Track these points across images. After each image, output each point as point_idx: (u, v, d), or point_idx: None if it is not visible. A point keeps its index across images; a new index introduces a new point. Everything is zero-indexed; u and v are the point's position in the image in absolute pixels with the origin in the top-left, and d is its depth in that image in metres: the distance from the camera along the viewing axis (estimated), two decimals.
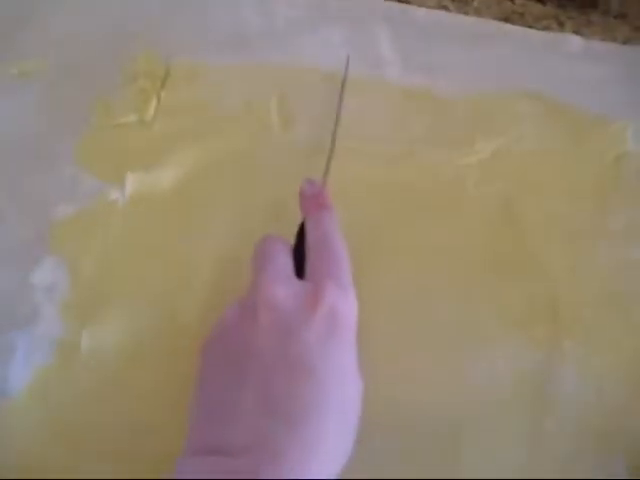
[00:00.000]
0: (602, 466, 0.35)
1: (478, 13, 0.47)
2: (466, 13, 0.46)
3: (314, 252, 0.33)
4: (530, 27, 0.46)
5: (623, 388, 0.36)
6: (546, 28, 0.46)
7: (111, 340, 0.37)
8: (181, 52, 0.44)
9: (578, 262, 0.39)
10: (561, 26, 0.47)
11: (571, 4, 0.47)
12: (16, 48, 0.45)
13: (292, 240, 0.35)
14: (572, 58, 0.45)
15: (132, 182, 0.40)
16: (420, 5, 0.46)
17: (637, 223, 0.40)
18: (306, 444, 0.27)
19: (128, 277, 0.38)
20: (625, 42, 0.46)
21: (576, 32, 0.46)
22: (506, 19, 0.47)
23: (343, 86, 0.42)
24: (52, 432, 0.35)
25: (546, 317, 0.38)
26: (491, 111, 0.43)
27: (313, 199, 0.35)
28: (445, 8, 0.47)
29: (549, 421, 0.35)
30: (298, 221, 0.36)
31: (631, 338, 0.37)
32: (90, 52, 0.44)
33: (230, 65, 0.44)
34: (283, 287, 0.30)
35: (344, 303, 0.31)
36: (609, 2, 0.47)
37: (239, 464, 0.26)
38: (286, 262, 0.32)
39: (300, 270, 0.33)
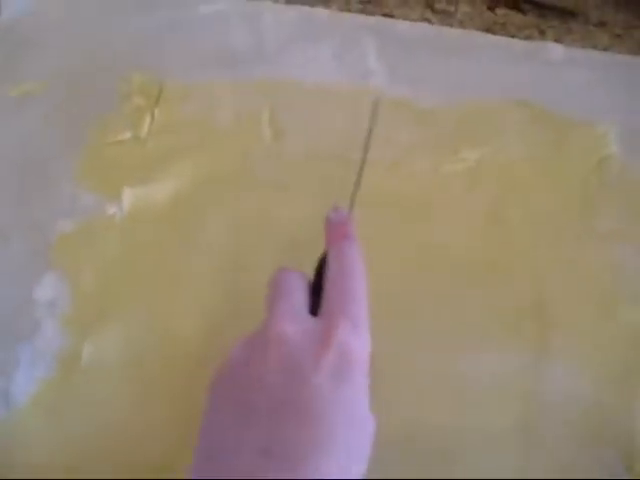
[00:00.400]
0: (596, 463, 0.35)
1: (461, 25, 0.48)
2: (449, 25, 0.48)
3: (331, 285, 0.31)
4: (512, 37, 0.48)
5: (613, 385, 0.37)
6: (528, 37, 0.48)
7: (111, 352, 0.38)
8: (174, 71, 0.46)
9: (565, 263, 0.40)
10: (542, 35, 0.48)
11: (551, 13, 0.49)
12: (15, 71, 0.46)
13: (310, 272, 0.34)
14: (554, 66, 0.46)
15: (129, 197, 0.41)
16: (404, 19, 0.48)
17: (622, 224, 0.41)
18: None
19: (127, 291, 0.40)
20: (605, 49, 0.47)
21: (557, 40, 0.47)
22: (488, 30, 0.48)
23: (371, 130, 0.40)
24: (55, 443, 0.36)
25: (534, 318, 0.38)
26: (475, 119, 0.44)
27: (338, 228, 0.34)
28: (428, 21, 0.48)
29: (540, 420, 0.36)
30: (292, 233, 0.37)
31: (619, 336, 0.38)
32: (86, 73, 0.46)
33: (221, 82, 0.45)
34: (294, 324, 0.29)
35: (356, 342, 0.29)
36: (588, 11, 0.49)
37: None
38: (300, 298, 0.31)
39: (319, 305, 0.32)
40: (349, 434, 0.28)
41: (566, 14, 0.49)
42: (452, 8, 0.49)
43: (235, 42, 0.47)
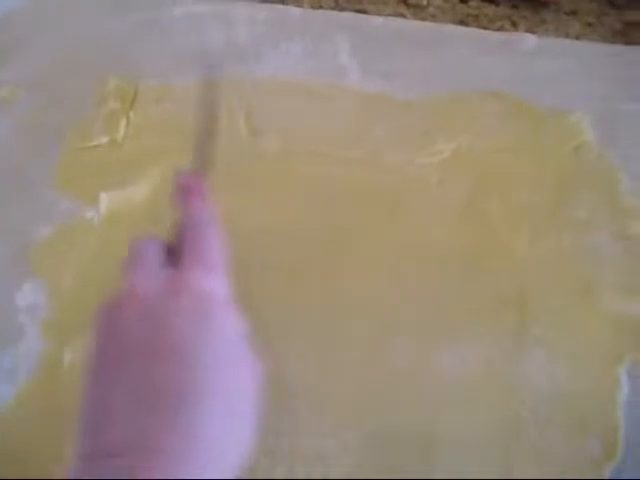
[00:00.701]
0: (577, 451, 0.35)
1: (434, 18, 0.48)
2: (422, 19, 0.48)
3: (183, 238, 0.31)
4: (485, 29, 0.48)
5: (592, 371, 0.37)
6: (501, 29, 0.48)
7: None
8: (149, 72, 0.46)
9: (544, 251, 0.40)
10: (515, 26, 0.48)
11: (524, 4, 0.49)
12: None
13: None
14: (527, 56, 0.47)
15: (106, 201, 0.42)
16: (378, 14, 0.48)
17: (599, 210, 0.41)
18: (183, 435, 0.25)
19: (106, 292, 0.39)
20: (577, 38, 0.48)
21: (530, 31, 0.48)
22: (461, 22, 0.48)
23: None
24: (40, 444, 0.36)
25: (514, 305, 0.39)
26: (450, 111, 0.44)
27: (183, 188, 0.34)
28: (402, 15, 0.48)
29: (521, 410, 0.36)
30: (269, 231, 0.37)
31: (598, 322, 0.38)
32: (61, 77, 0.46)
33: (195, 82, 0.45)
34: (147, 279, 0.29)
35: (210, 282, 0.29)
36: (560, 1, 0.49)
37: (118, 464, 0.25)
38: (155, 258, 0.31)
39: None
40: (227, 372, 0.27)
41: (538, 4, 0.49)
42: (425, 2, 0.49)
43: (209, 42, 0.47)
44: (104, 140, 0.44)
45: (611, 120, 0.44)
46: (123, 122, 0.44)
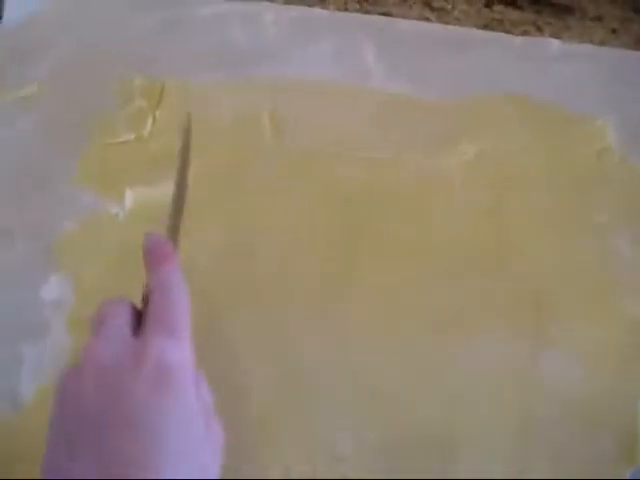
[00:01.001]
0: (592, 449, 0.36)
1: (458, 22, 0.48)
2: (447, 23, 0.48)
3: (152, 303, 0.31)
4: (509, 33, 0.48)
5: (609, 374, 0.37)
6: (525, 33, 0.48)
7: None
8: (175, 72, 0.46)
9: (563, 254, 0.41)
10: (539, 31, 0.48)
11: (548, 10, 0.49)
12: (16, 74, 0.46)
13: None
14: (551, 60, 0.47)
15: (131, 197, 0.42)
16: (402, 17, 0.48)
17: (619, 215, 0.42)
18: None
19: (130, 288, 0.40)
20: (601, 44, 0.48)
21: (554, 36, 0.48)
22: (486, 26, 0.48)
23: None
24: None
25: (532, 306, 0.39)
26: (474, 114, 0.44)
27: (152, 252, 0.33)
28: (427, 19, 0.49)
29: (537, 408, 0.37)
30: (292, 232, 0.38)
31: (615, 325, 0.39)
32: (86, 75, 0.46)
33: (221, 82, 0.46)
34: (109, 346, 0.29)
35: (174, 351, 0.29)
36: (584, 6, 0.49)
37: None
38: (119, 322, 0.30)
39: None
40: (186, 444, 0.27)
41: (562, 10, 0.49)
42: (449, 6, 0.49)
43: (235, 42, 0.47)
44: (131, 137, 0.44)
45: (634, 125, 0.44)
46: (149, 120, 0.44)
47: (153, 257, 0.33)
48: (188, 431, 0.28)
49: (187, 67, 0.46)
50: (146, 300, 0.32)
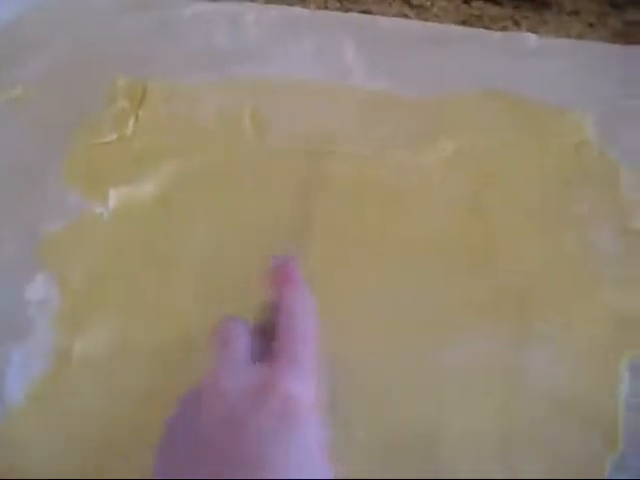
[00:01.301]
0: (578, 445, 0.36)
1: (438, 19, 0.49)
2: (426, 19, 0.49)
3: (277, 330, 0.30)
4: (488, 29, 0.48)
5: (594, 368, 0.37)
6: (503, 29, 0.49)
7: (102, 347, 0.39)
8: (158, 72, 0.47)
9: (544, 248, 0.41)
10: (517, 26, 0.49)
11: (526, 5, 0.50)
12: (2, 77, 0.47)
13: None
14: (530, 55, 0.47)
15: (115, 197, 0.42)
16: (382, 15, 0.49)
17: (600, 206, 0.42)
18: None
19: (115, 286, 0.40)
20: (579, 37, 0.48)
21: (532, 31, 0.48)
22: (464, 22, 0.49)
23: None
24: (50, 438, 0.37)
25: (516, 301, 0.39)
26: (453, 110, 0.45)
27: (281, 273, 0.33)
28: (406, 16, 0.49)
29: (522, 404, 0.37)
30: (276, 228, 0.39)
31: (599, 317, 0.39)
32: (71, 76, 0.47)
33: (204, 81, 0.46)
34: (233, 374, 0.29)
35: (299, 386, 0.28)
36: (562, 1, 0.49)
37: None
38: (244, 347, 0.30)
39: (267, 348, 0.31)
40: (304, 476, 0.27)
41: (540, 5, 0.50)
42: (428, 3, 0.50)
43: (217, 43, 0.48)
44: (113, 137, 0.44)
45: (611, 118, 0.44)
46: (132, 120, 0.45)
47: (278, 278, 0.33)
48: (308, 466, 0.27)
49: (171, 67, 0.47)
50: (265, 318, 0.32)
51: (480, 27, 0.49)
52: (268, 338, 0.31)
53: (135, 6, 0.49)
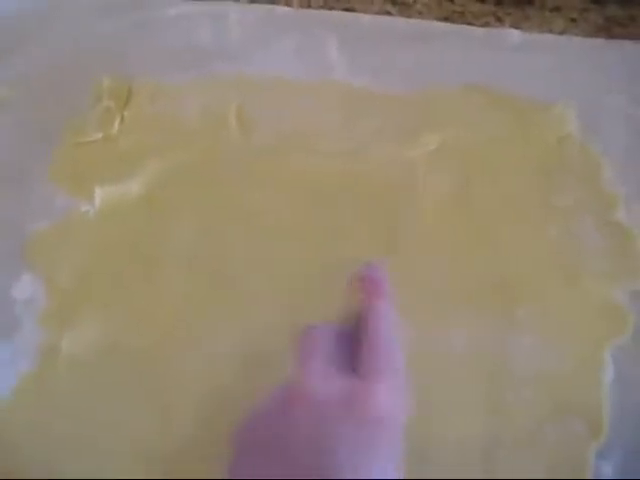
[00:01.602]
0: (563, 432, 0.36)
1: (420, 15, 0.49)
2: (409, 16, 0.49)
3: (368, 344, 0.31)
4: (470, 25, 0.49)
5: (578, 356, 0.38)
6: (486, 25, 0.49)
7: (89, 345, 0.39)
8: (143, 71, 0.47)
9: (528, 239, 0.41)
10: (500, 22, 0.49)
11: (508, 1, 0.50)
12: None
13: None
14: (512, 51, 0.47)
15: (101, 195, 0.43)
16: (365, 12, 0.49)
17: (582, 199, 0.42)
18: None
19: (101, 284, 0.41)
20: (561, 33, 0.49)
21: (514, 27, 0.49)
22: (447, 19, 0.49)
23: None
24: (37, 433, 0.37)
25: (500, 291, 0.40)
26: (436, 105, 0.45)
27: (374, 286, 0.33)
28: (388, 13, 0.49)
29: (507, 392, 0.37)
30: (262, 224, 0.40)
31: (582, 306, 0.39)
32: (57, 77, 0.47)
33: (188, 80, 0.46)
34: (321, 383, 0.29)
35: (391, 404, 0.29)
36: None
37: None
38: (329, 353, 0.31)
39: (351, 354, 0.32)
40: None
41: (522, 1, 0.50)
42: None
43: (201, 41, 0.48)
44: (99, 136, 0.44)
45: (593, 112, 0.45)
46: (117, 119, 0.45)
47: (367, 288, 0.33)
48: (386, 477, 0.28)
49: (155, 66, 0.47)
50: (352, 323, 0.32)
51: (463, 23, 0.49)
52: (351, 343, 0.31)
53: (119, 6, 0.50)
